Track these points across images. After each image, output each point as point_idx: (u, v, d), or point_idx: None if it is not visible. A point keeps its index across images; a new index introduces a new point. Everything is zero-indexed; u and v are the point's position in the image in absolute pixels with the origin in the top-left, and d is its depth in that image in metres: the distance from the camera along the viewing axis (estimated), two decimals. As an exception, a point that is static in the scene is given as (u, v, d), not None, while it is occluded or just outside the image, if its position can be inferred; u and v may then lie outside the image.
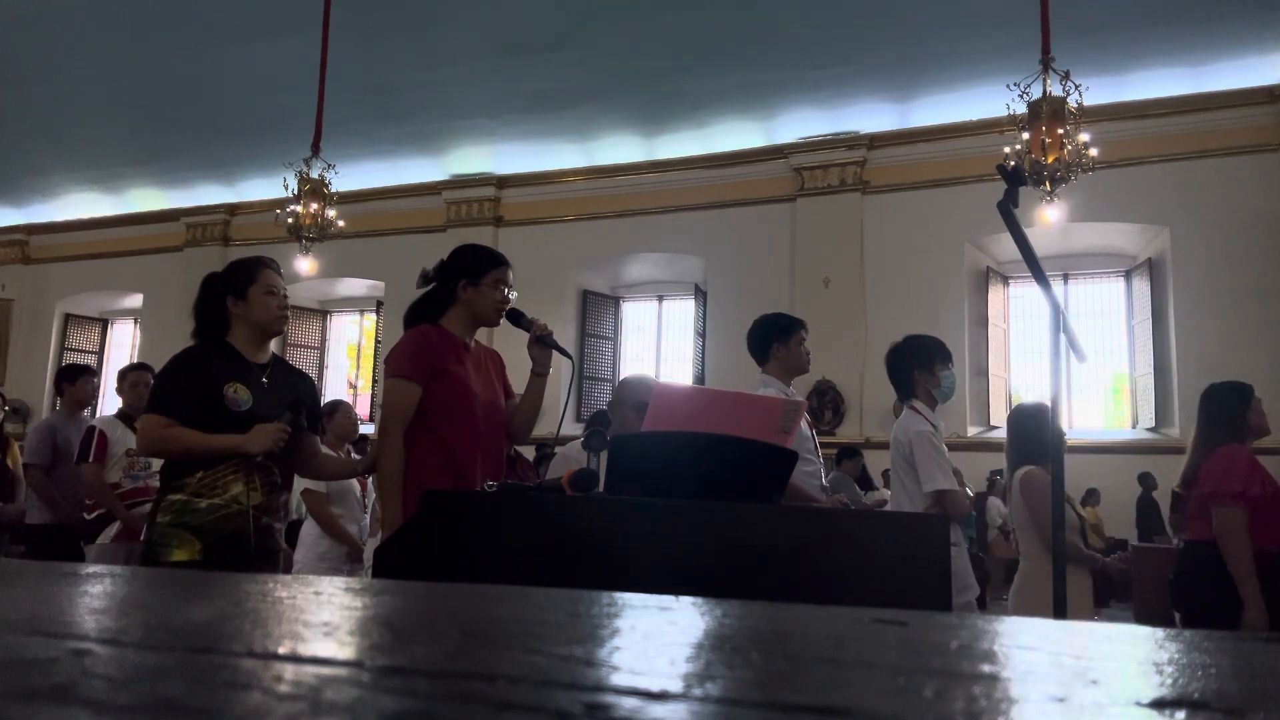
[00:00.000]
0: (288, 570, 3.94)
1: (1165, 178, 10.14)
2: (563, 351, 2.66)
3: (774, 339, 3.51)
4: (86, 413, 4.97)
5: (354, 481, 4.45)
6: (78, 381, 4.77)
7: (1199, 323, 9.89)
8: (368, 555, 4.39)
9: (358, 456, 4.84)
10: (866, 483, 8.76)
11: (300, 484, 4.36)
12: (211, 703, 0.37)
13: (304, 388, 2.74)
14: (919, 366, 3.39)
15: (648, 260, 12.84)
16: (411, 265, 2.79)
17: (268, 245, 11.53)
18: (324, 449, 4.45)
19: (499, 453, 2.69)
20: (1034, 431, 3.52)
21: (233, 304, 2.60)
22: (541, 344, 2.65)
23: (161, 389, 2.53)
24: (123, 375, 4.59)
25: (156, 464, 4.25)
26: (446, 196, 13.36)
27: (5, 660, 0.45)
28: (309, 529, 4.44)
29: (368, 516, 4.60)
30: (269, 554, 2.53)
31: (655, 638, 0.60)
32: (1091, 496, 9.66)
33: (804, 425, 3.40)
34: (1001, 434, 10.99)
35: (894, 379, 3.50)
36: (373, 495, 4.65)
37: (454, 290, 2.67)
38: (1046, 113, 6.75)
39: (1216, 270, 9.85)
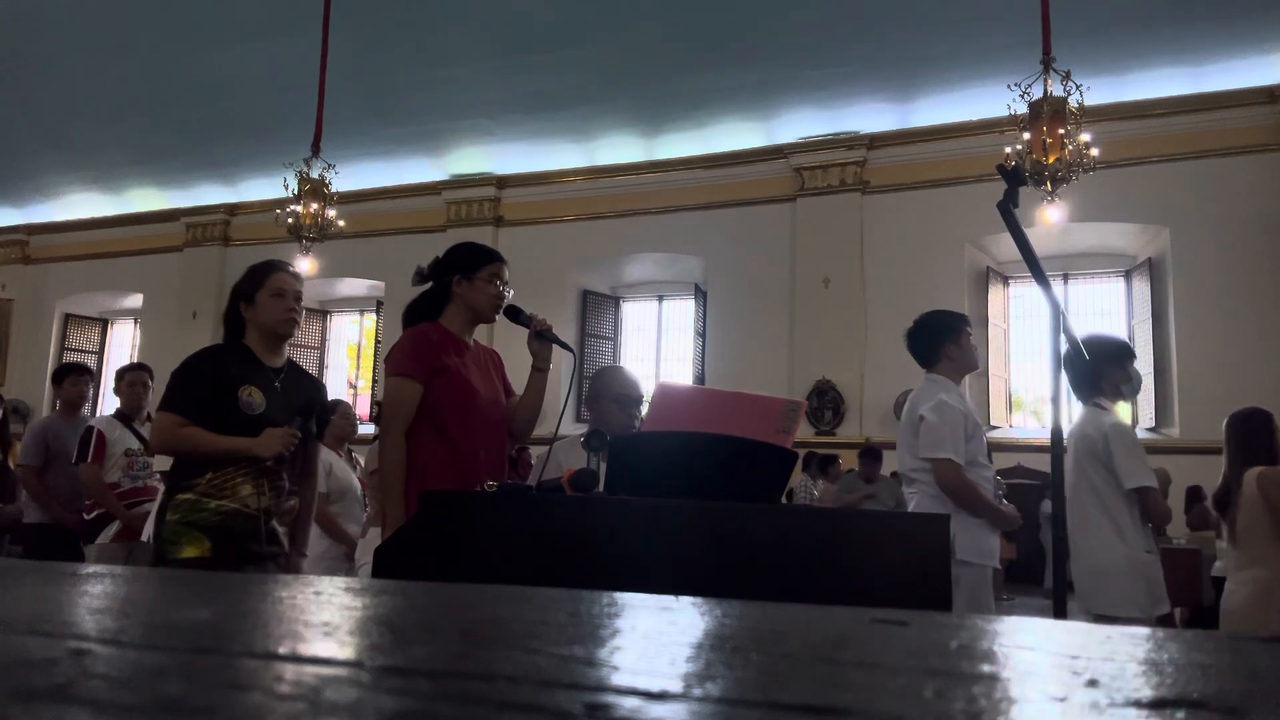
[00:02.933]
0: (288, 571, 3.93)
1: (1165, 178, 10.14)
2: (564, 345, 2.65)
3: (944, 338, 3.34)
4: (86, 411, 4.97)
5: (355, 480, 4.44)
6: (64, 383, 4.76)
7: (1199, 323, 9.89)
8: (361, 554, 4.37)
9: (359, 457, 4.82)
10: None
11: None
12: (211, 703, 0.37)
13: (315, 392, 2.76)
14: (1112, 362, 3.22)
15: (648, 260, 12.84)
16: (411, 265, 2.79)
17: (268, 245, 11.53)
18: (324, 449, 4.44)
19: (501, 450, 2.69)
20: (1258, 435, 3.41)
21: (244, 308, 2.63)
22: (541, 339, 2.64)
23: (177, 387, 2.52)
24: (120, 375, 4.59)
25: (156, 464, 4.26)
26: (446, 196, 13.36)
27: (5, 660, 0.45)
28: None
29: (366, 515, 4.56)
30: (273, 557, 2.54)
31: (655, 638, 0.60)
32: None
33: (981, 428, 3.31)
34: (1002, 434, 11.00)
35: (1077, 375, 3.28)
36: None
37: (449, 286, 2.67)
38: (1047, 113, 6.75)
39: (1216, 270, 9.85)
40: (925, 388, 3.33)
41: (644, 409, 3.05)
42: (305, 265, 10.61)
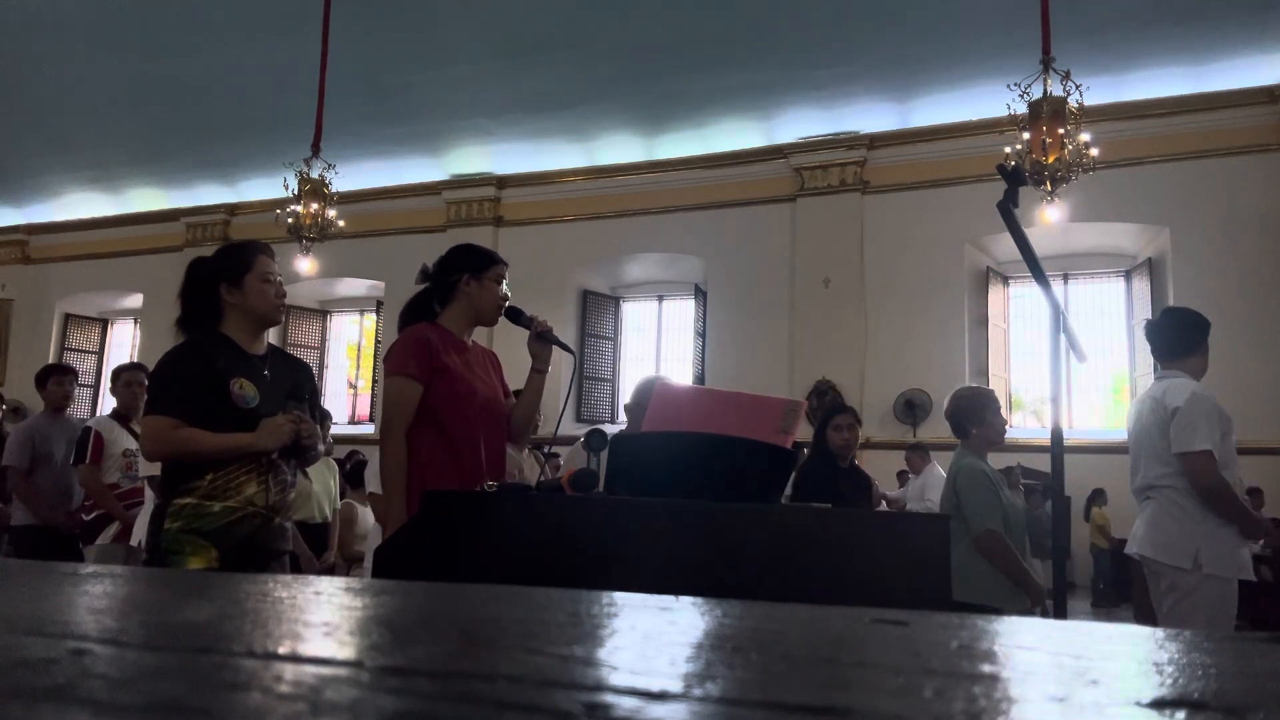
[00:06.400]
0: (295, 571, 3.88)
1: (1165, 178, 10.14)
2: (564, 347, 2.66)
3: (1203, 336, 3.18)
4: (85, 412, 4.97)
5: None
6: (47, 384, 4.75)
7: (1199, 323, 9.87)
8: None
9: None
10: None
11: (369, 485, 4.26)
12: (211, 703, 0.37)
13: (302, 376, 2.61)
14: None
15: (648, 260, 12.84)
16: (411, 265, 2.78)
17: (268, 245, 11.50)
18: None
19: (501, 450, 2.69)
20: None
21: (227, 292, 2.43)
22: (542, 340, 2.65)
23: (163, 388, 2.35)
24: (116, 375, 4.56)
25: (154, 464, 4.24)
26: (446, 196, 13.36)
27: (5, 660, 0.45)
28: (374, 537, 4.24)
29: None
30: (278, 555, 2.44)
31: (655, 638, 0.59)
32: (1099, 497, 9.64)
33: (1233, 431, 3.05)
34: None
35: None
36: None
37: (455, 286, 2.66)
38: (1047, 113, 6.76)
39: (1216, 270, 9.84)
40: (1175, 382, 3.07)
41: None
42: (305, 265, 10.63)
